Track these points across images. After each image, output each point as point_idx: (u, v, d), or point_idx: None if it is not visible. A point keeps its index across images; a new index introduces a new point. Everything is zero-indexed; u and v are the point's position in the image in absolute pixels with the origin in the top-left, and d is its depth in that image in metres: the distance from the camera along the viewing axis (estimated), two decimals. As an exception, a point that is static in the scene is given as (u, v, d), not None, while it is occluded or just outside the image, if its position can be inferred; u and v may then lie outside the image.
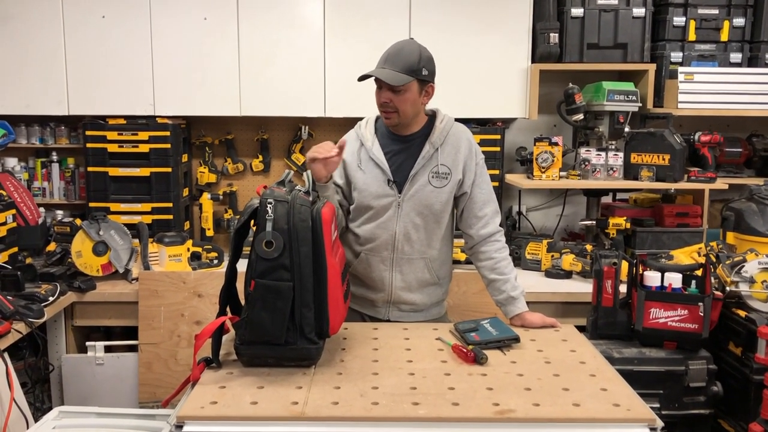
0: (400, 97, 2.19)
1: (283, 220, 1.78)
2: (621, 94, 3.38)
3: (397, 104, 2.20)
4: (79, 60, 3.46)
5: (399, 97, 2.19)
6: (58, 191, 3.79)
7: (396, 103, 2.20)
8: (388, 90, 2.18)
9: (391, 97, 2.19)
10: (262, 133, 3.84)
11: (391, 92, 2.18)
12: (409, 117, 2.26)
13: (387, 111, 2.23)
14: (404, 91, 2.18)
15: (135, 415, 1.93)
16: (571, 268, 3.30)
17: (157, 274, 3.07)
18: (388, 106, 2.21)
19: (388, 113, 2.23)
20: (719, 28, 3.57)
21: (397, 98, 2.19)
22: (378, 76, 2.16)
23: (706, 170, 3.47)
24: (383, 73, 2.16)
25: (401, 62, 2.17)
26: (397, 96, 2.19)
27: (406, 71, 2.16)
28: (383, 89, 2.20)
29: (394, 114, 2.23)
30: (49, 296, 2.78)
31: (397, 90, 2.17)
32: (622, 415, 1.61)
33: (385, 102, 2.21)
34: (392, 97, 2.19)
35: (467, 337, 2.06)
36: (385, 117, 2.26)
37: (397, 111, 2.22)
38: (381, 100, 2.22)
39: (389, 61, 2.18)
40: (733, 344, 2.64)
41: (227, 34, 3.45)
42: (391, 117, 2.24)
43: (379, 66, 2.19)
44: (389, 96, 2.19)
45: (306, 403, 1.64)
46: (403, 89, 2.18)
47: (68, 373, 3.05)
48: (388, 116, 2.24)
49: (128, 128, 3.48)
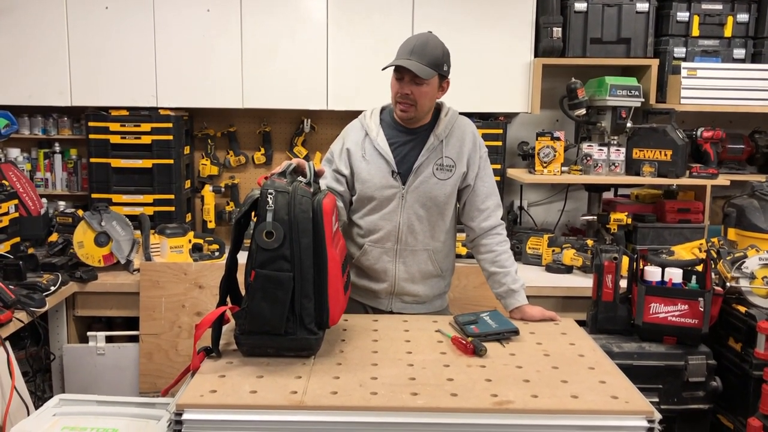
0: (421, 90, 2.18)
1: (284, 210, 1.78)
2: (623, 90, 3.38)
3: (417, 97, 2.19)
4: (82, 51, 3.47)
5: (420, 90, 2.18)
6: (61, 182, 3.80)
7: (416, 95, 2.19)
8: (411, 82, 2.17)
9: (412, 89, 2.18)
10: (265, 126, 3.85)
11: (413, 85, 2.17)
12: (425, 111, 2.26)
13: (405, 103, 2.21)
14: (426, 85, 2.18)
15: (135, 403, 1.94)
16: (571, 263, 3.30)
17: (159, 265, 3.08)
18: (408, 98, 2.20)
19: (407, 105, 2.22)
20: (723, 23, 3.57)
21: (418, 91, 2.18)
22: (409, 68, 2.13)
23: (708, 166, 3.47)
24: (413, 65, 2.13)
25: (428, 56, 2.16)
26: (418, 89, 2.18)
27: (432, 65, 2.16)
28: (405, 81, 2.18)
29: (412, 107, 2.22)
30: (51, 286, 2.79)
31: (420, 83, 2.17)
32: (620, 407, 1.61)
33: (406, 94, 2.19)
34: (414, 89, 2.18)
35: (467, 329, 2.06)
36: (402, 110, 2.23)
37: (415, 104, 2.21)
38: (402, 91, 2.20)
39: (416, 54, 2.15)
40: (733, 340, 2.64)
41: (230, 27, 3.46)
42: (409, 110, 2.23)
43: (404, 57, 2.16)
44: (411, 88, 2.18)
45: (305, 393, 1.65)
46: (425, 83, 2.17)
47: (69, 362, 3.06)
48: (406, 109, 2.23)
49: (131, 120, 3.49)
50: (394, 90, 2.23)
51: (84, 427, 1.76)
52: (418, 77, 2.15)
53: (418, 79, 2.16)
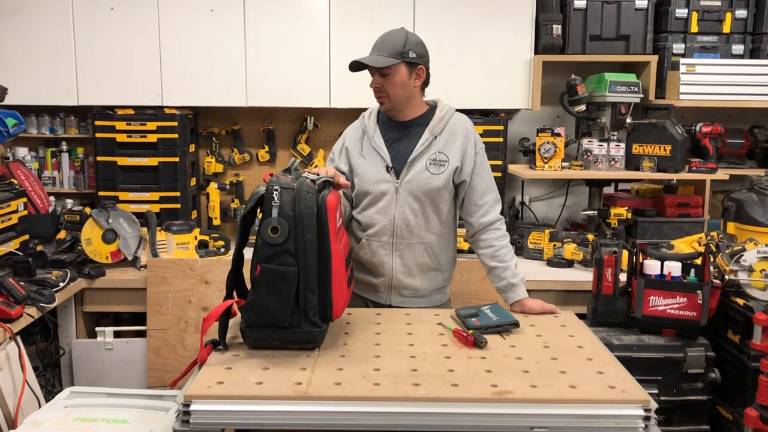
0: (389, 81, 2.28)
1: (289, 206, 1.83)
2: (623, 86, 3.40)
3: (387, 88, 2.29)
4: (88, 51, 3.52)
5: (388, 81, 2.28)
6: (68, 180, 3.85)
7: (386, 87, 2.29)
8: (378, 75, 2.28)
9: (381, 81, 2.29)
10: (268, 124, 3.89)
11: (380, 77, 2.28)
12: (400, 100, 2.33)
13: (379, 96, 2.33)
14: (392, 75, 2.27)
15: (144, 395, 1.99)
16: (572, 257, 3.34)
17: (165, 261, 3.13)
18: (380, 91, 2.31)
19: (381, 98, 2.33)
20: (721, 20, 3.59)
21: (386, 82, 2.28)
22: (363, 61, 2.25)
23: (708, 161, 3.50)
24: (368, 58, 2.26)
25: (386, 47, 2.27)
26: (386, 80, 2.28)
27: (391, 54, 2.25)
28: (374, 75, 2.30)
29: (385, 98, 2.32)
30: (60, 282, 2.84)
31: (385, 74, 2.27)
32: (617, 396, 1.65)
33: (376, 87, 2.31)
34: (382, 81, 2.29)
35: (468, 322, 2.10)
36: (379, 102, 2.35)
37: (388, 95, 2.31)
38: (372, 85, 2.32)
39: (376, 48, 2.29)
40: (731, 332, 2.68)
41: (234, 26, 3.50)
42: (384, 102, 2.34)
43: (370, 53, 2.28)
44: (379, 81, 2.29)
45: (309, 384, 1.69)
46: (390, 72, 2.27)
47: (78, 357, 3.11)
48: (381, 101, 2.34)
49: (136, 118, 3.53)
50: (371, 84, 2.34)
51: (95, 419, 1.81)
52: (381, 69, 2.26)
53: (382, 71, 2.27)
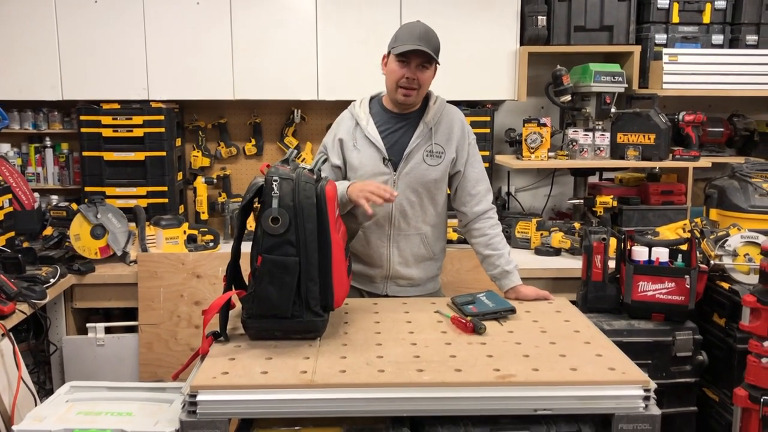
0: (425, 75, 2.29)
1: (289, 197, 1.84)
2: (607, 76, 3.45)
3: (422, 82, 2.29)
4: (72, 45, 3.47)
5: (424, 75, 2.29)
6: (52, 176, 3.80)
7: (421, 80, 2.29)
8: (417, 67, 2.27)
9: (418, 74, 2.27)
10: (255, 117, 3.88)
11: (419, 70, 2.27)
12: (423, 95, 2.37)
13: (410, 88, 2.29)
14: (429, 71, 2.30)
15: (146, 388, 1.99)
16: (560, 245, 3.39)
17: (156, 256, 3.11)
18: (414, 83, 2.28)
19: (411, 90, 2.30)
20: (701, 10, 3.66)
21: (423, 76, 2.29)
22: (427, 51, 2.22)
23: (690, 149, 3.57)
24: (427, 50, 2.23)
25: (432, 42, 2.27)
26: (423, 74, 2.28)
27: (435, 52, 2.27)
28: (411, 66, 2.27)
29: (414, 91, 2.30)
30: (50, 278, 2.82)
31: (426, 68, 2.28)
32: (617, 377, 1.70)
33: (412, 78, 2.28)
34: (419, 74, 2.28)
35: (465, 309, 2.13)
36: (405, 94, 2.31)
37: (419, 89, 2.30)
38: (409, 75, 2.27)
39: (423, 40, 2.25)
40: (717, 315, 2.73)
41: (220, 18, 3.47)
42: (412, 94, 2.31)
43: (414, 43, 2.24)
44: (417, 73, 2.27)
45: (315, 372, 1.71)
46: (429, 68, 2.29)
47: (69, 354, 3.08)
48: (409, 93, 2.31)
49: (122, 113, 3.49)
50: (398, 75, 2.29)
51: (99, 412, 1.80)
52: (425, 63, 2.27)
53: (426, 64, 2.27)
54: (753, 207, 3.06)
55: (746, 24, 3.67)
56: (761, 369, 2.25)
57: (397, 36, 2.29)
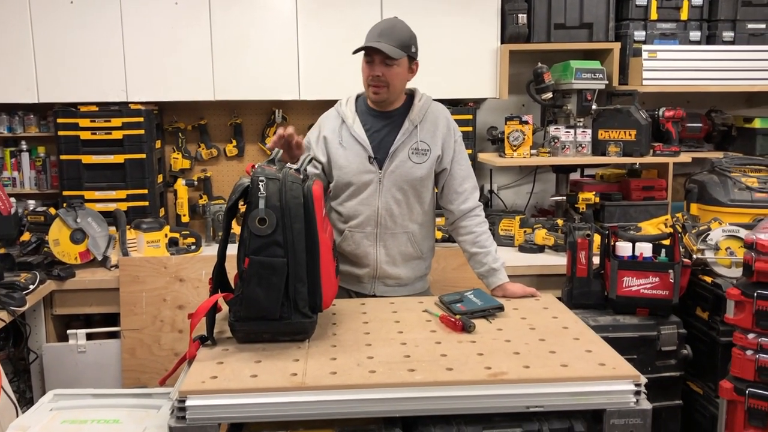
0: (392, 71, 2.25)
1: (276, 197, 1.81)
2: (588, 72, 3.47)
3: (389, 78, 2.26)
4: (47, 46, 3.41)
5: (391, 71, 2.25)
6: (29, 181, 3.73)
7: (387, 77, 2.25)
8: (381, 64, 2.24)
9: (383, 71, 2.25)
10: (236, 118, 3.85)
11: (384, 66, 2.24)
12: (397, 92, 2.33)
13: (378, 85, 2.27)
14: (396, 66, 2.25)
15: (132, 394, 1.95)
16: (543, 242, 3.40)
17: (138, 260, 3.07)
18: (380, 80, 2.26)
19: (379, 87, 2.28)
20: (679, 7, 3.69)
21: (389, 72, 2.25)
22: (380, 48, 2.20)
23: (671, 144, 3.60)
24: (383, 46, 2.20)
25: (396, 37, 2.23)
26: (389, 70, 2.25)
27: (401, 46, 2.23)
28: (375, 63, 2.25)
29: (384, 88, 2.28)
30: (30, 285, 2.76)
31: (390, 64, 2.24)
32: (608, 373, 1.70)
33: (377, 75, 2.25)
34: (384, 71, 2.25)
35: (453, 308, 2.13)
36: (374, 92, 2.29)
37: (387, 85, 2.27)
38: (373, 73, 2.26)
39: (384, 36, 2.22)
40: (700, 309, 2.76)
41: (199, 18, 3.44)
42: (381, 91, 2.29)
43: (374, 40, 2.22)
44: (382, 70, 2.25)
45: (305, 374, 1.69)
46: (395, 63, 2.24)
47: (50, 362, 3.03)
48: (378, 90, 2.28)
49: (101, 115, 3.44)
50: (366, 73, 2.29)
51: (84, 420, 1.77)
52: (388, 58, 2.23)
53: (388, 60, 2.24)
54: (733, 201, 3.11)
55: (722, 20, 3.71)
56: (746, 361, 2.27)
57: (367, 34, 2.28)
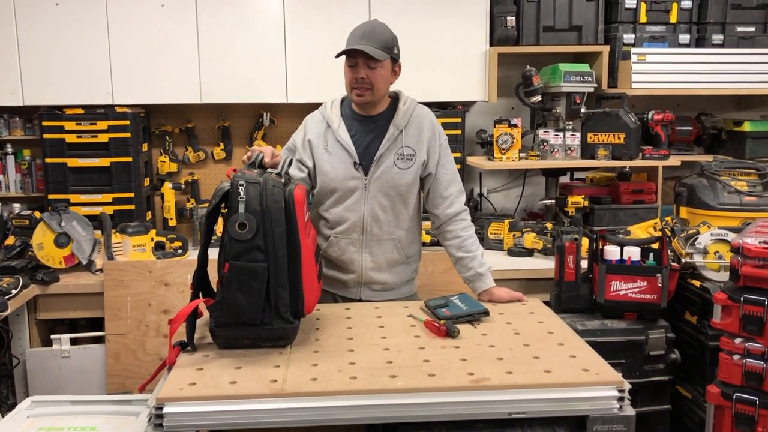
0: (376, 74, 2.23)
1: (256, 201, 1.79)
2: (577, 75, 3.46)
3: (373, 80, 2.23)
4: (32, 49, 3.38)
5: (375, 74, 2.23)
6: (15, 184, 3.70)
7: (372, 79, 2.23)
8: (365, 66, 2.22)
9: (367, 73, 2.22)
10: (223, 121, 3.82)
11: (368, 68, 2.22)
12: (381, 94, 2.30)
13: (362, 87, 2.25)
14: (380, 68, 2.23)
15: (111, 401, 1.93)
16: (532, 246, 3.38)
17: (123, 264, 3.04)
18: (364, 82, 2.23)
19: (363, 90, 2.25)
20: (668, 10, 3.69)
21: (373, 74, 2.23)
22: (364, 50, 2.17)
23: (660, 148, 3.59)
24: (366, 48, 2.18)
25: (378, 39, 2.21)
26: (373, 72, 2.23)
27: (383, 48, 2.21)
28: (359, 66, 2.22)
29: (368, 91, 2.25)
30: (12, 289, 2.73)
31: (374, 66, 2.22)
32: (591, 378, 1.68)
33: (361, 78, 2.23)
34: (368, 73, 2.22)
35: (438, 312, 2.11)
36: (358, 94, 2.27)
37: (371, 88, 2.25)
38: (357, 76, 2.23)
39: (366, 38, 2.20)
40: (689, 313, 2.75)
41: (185, 21, 3.41)
42: (365, 94, 2.26)
43: (356, 43, 2.20)
44: (365, 72, 2.22)
45: (285, 381, 1.67)
46: (379, 66, 2.22)
47: (33, 367, 2.99)
48: (362, 93, 2.26)
49: (86, 118, 3.41)
50: (349, 77, 2.27)
51: (61, 427, 1.74)
52: (371, 60, 2.20)
53: (372, 62, 2.21)
54: (722, 205, 3.09)
55: (712, 23, 3.71)
56: (733, 366, 2.26)
57: (347, 38, 2.26)
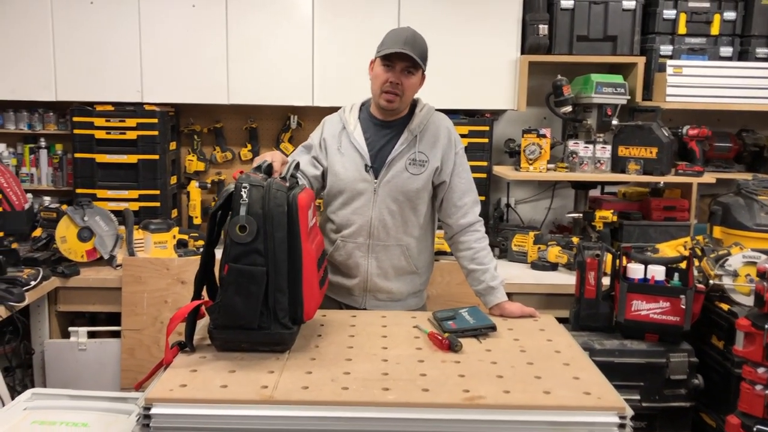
0: (410, 81, 2.22)
1: (258, 204, 1.77)
2: (609, 87, 3.36)
3: (405, 87, 2.22)
4: (67, 46, 3.46)
5: (409, 81, 2.21)
6: (46, 177, 3.79)
7: (405, 86, 2.21)
8: (402, 72, 2.20)
9: (402, 79, 2.20)
10: (251, 122, 3.84)
11: (404, 75, 2.20)
12: (407, 102, 2.29)
13: (393, 93, 2.22)
14: (415, 76, 2.22)
15: (108, 398, 1.93)
16: (556, 260, 3.30)
17: (141, 261, 3.06)
18: (398, 88, 2.21)
19: (393, 96, 2.22)
20: (710, 21, 3.55)
21: (408, 81, 2.21)
22: (411, 54, 2.15)
23: (694, 164, 3.46)
24: (412, 54, 2.15)
25: (418, 48, 2.19)
26: (408, 79, 2.21)
27: (421, 58, 2.20)
28: (396, 70, 2.20)
29: (398, 97, 2.23)
30: (31, 281, 2.77)
31: (412, 73, 2.20)
32: (591, 402, 1.60)
33: (396, 83, 2.20)
34: (404, 79, 2.20)
35: (444, 325, 2.05)
36: (388, 100, 2.23)
37: (402, 95, 2.22)
38: (393, 79, 2.20)
39: (409, 45, 2.17)
40: (715, 338, 2.64)
41: (215, 21, 3.44)
42: (395, 100, 2.23)
43: (399, 46, 2.16)
44: (401, 78, 2.20)
45: (276, 387, 1.64)
46: (415, 73, 2.21)
47: (51, 358, 3.04)
48: (392, 99, 2.23)
49: (116, 115, 3.47)
50: (382, 79, 2.22)
51: (53, 421, 1.75)
52: (410, 68, 2.19)
53: (411, 69, 2.20)
54: (758, 225, 2.96)
55: (756, 36, 3.56)
56: (755, 396, 2.14)
57: (384, 40, 2.23)
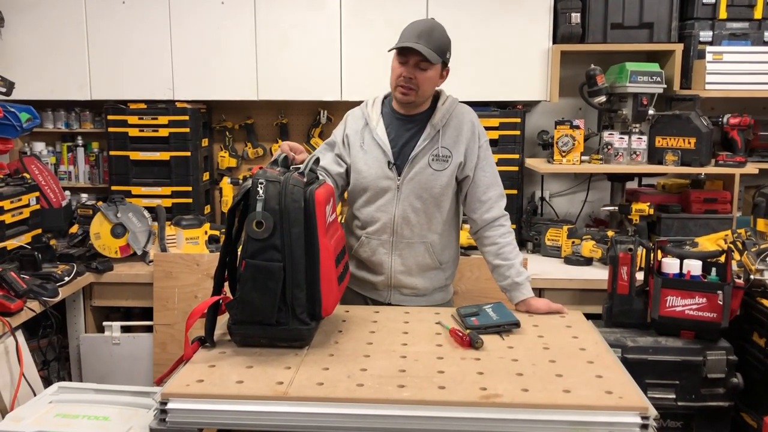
0: (425, 75, 2.15)
1: (275, 200, 1.77)
2: (644, 76, 3.24)
3: (420, 82, 2.16)
4: (100, 45, 3.52)
5: (424, 75, 2.15)
6: (83, 175, 3.87)
7: (419, 80, 2.15)
8: (415, 66, 2.14)
9: (416, 74, 2.15)
10: (282, 118, 3.85)
11: (418, 69, 2.15)
12: (425, 97, 2.23)
13: (407, 87, 2.17)
14: (430, 71, 2.15)
15: (131, 392, 1.96)
16: (590, 254, 3.21)
17: (172, 256, 3.10)
18: (411, 82, 2.16)
19: (407, 89, 2.17)
20: (753, 5, 3.38)
21: (422, 76, 2.15)
22: (419, 50, 2.09)
23: (736, 154, 3.32)
24: (422, 48, 2.09)
25: (435, 42, 2.13)
26: (422, 74, 2.15)
27: (438, 51, 2.13)
28: (409, 65, 2.15)
29: (412, 92, 2.18)
30: (65, 276, 2.83)
31: (425, 67, 2.14)
32: (613, 402, 1.55)
33: (408, 77, 2.15)
34: (417, 74, 2.15)
35: (467, 321, 2.02)
36: (403, 93, 2.19)
37: (417, 89, 2.17)
38: (405, 74, 2.15)
39: (423, 38, 2.11)
40: (757, 335, 2.54)
41: (244, 18, 3.45)
42: (410, 93, 2.18)
43: (412, 40, 2.11)
44: (414, 72, 2.15)
45: (291, 384, 1.63)
46: (430, 68, 2.15)
47: (86, 352, 3.11)
48: (407, 92, 2.18)
49: (148, 113, 3.51)
50: (397, 73, 2.18)
51: (76, 415, 1.78)
52: (423, 62, 2.13)
53: (423, 64, 2.13)
54: (803, 218, 2.83)
55: (805, 19, 3.40)
56: (795, 397, 2.05)
57: (402, 32, 2.18)
